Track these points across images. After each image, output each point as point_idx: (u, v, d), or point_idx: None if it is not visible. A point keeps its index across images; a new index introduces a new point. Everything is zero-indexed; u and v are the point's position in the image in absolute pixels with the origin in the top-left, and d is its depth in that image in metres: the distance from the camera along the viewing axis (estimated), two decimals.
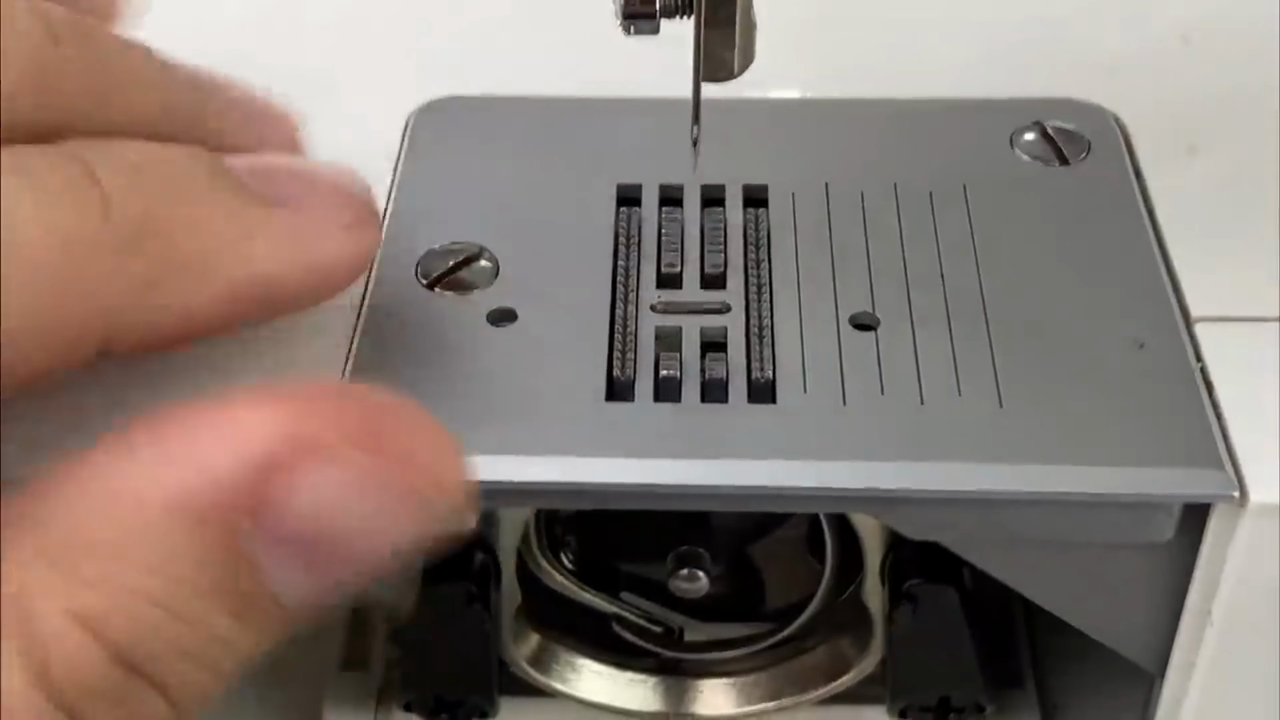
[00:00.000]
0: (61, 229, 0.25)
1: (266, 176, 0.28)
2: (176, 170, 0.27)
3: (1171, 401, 0.30)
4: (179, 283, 0.26)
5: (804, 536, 0.38)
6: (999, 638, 0.40)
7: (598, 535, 0.38)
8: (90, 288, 0.25)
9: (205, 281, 0.26)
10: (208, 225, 0.27)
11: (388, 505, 0.25)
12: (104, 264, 0.25)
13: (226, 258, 0.27)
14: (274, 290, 0.28)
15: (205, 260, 0.26)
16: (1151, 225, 0.35)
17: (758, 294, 0.33)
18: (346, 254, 0.29)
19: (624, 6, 0.32)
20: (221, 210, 0.27)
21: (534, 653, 0.39)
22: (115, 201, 0.25)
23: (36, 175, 0.25)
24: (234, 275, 0.27)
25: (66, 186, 0.25)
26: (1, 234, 0.24)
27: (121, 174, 0.26)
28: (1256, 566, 0.30)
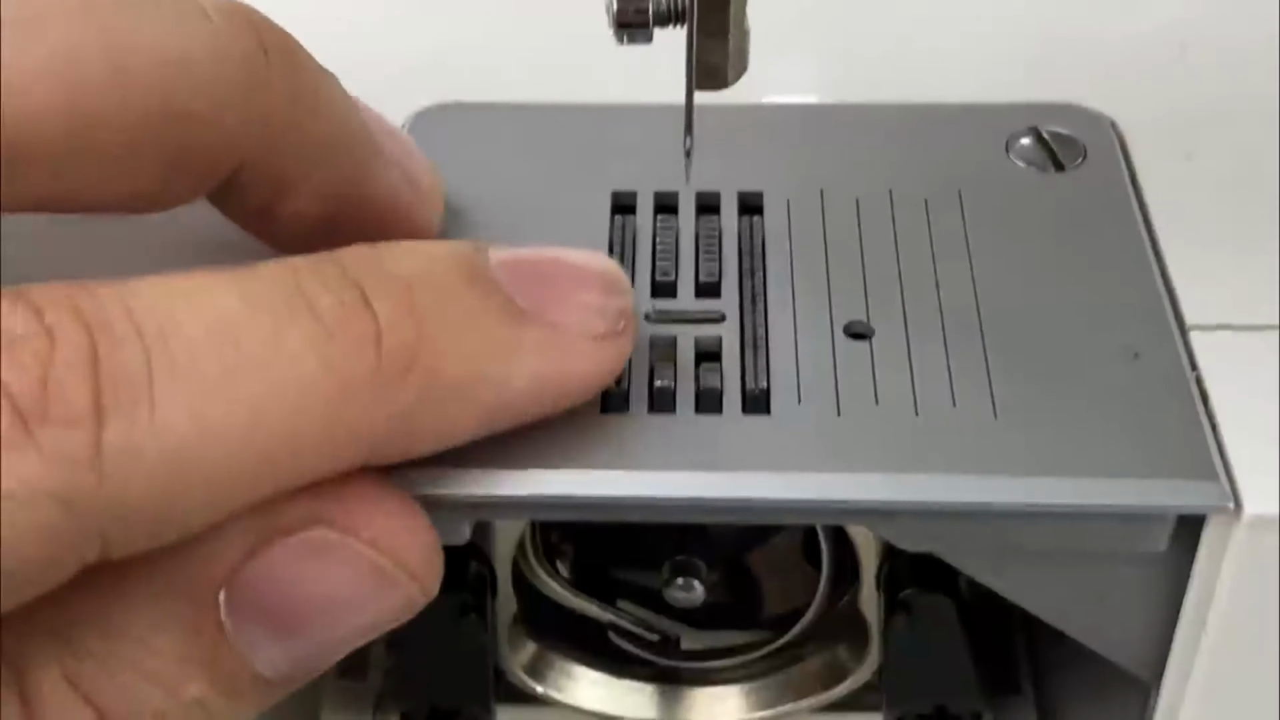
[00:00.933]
0: (338, 367, 0.25)
1: (527, 275, 0.28)
2: (443, 286, 0.27)
3: (1166, 412, 0.30)
4: (438, 413, 0.26)
5: (800, 545, 0.38)
6: (996, 645, 0.40)
7: (594, 544, 0.38)
8: (357, 423, 0.25)
9: (463, 410, 0.27)
10: (470, 352, 0.26)
11: (354, 581, 0.26)
12: (372, 399, 0.25)
13: (484, 385, 0.27)
14: (520, 408, 0.28)
15: (465, 390, 0.26)
16: (1147, 232, 0.35)
17: (752, 303, 0.33)
18: (594, 371, 0.29)
19: (617, 15, 0.31)
20: (484, 334, 0.27)
21: (530, 661, 0.39)
22: (387, 333, 0.25)
23: (313, 303, 0.25)
24: (489, 402, 0.27)
25: (343, 318, 0.25)
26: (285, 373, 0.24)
27: (393, 299, 0.26)
28: (1251, 577, 0.30)
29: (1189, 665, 0.31)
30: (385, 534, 0.26)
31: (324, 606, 0.26)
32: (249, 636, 0.25)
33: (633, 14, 0.32)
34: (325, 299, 0.25)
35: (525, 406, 0.28)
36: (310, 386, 0.24)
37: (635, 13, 0.32)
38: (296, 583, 0.26)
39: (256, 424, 0.24)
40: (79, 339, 0.23)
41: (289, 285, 0.25)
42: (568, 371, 0.28)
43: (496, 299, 0.27)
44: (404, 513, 0.27)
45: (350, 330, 0.25)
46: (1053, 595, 0.32)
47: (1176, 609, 0.31)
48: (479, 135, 0.38)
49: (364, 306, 0.25)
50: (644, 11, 0.31)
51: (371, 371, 0.25)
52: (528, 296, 0.28)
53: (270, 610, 0.25)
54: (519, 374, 0.27)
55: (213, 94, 0.27)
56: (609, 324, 0.29)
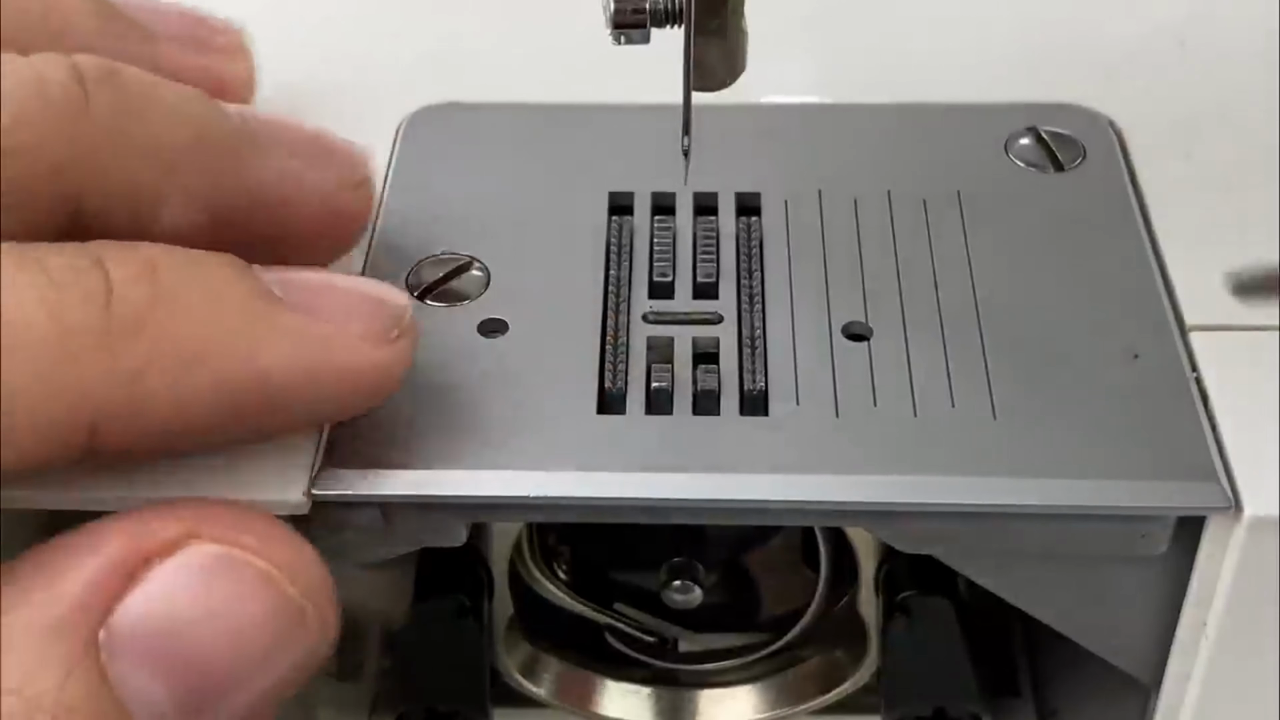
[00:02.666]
0: (61, 316, 0.24)
1: (295, 286, 0.27)
2: (191, 268, 0.26)
3: (1166, 413, 0.30)
4: (172, 379, 0.25)
5: (798, 547, 0.38)
6: (995, 647, 0.40)
7: (591, 546, 0.38)
8: (80, 375, 0.24)
9: (199, 379, 0.25)
10: (208, 318, 0.26)
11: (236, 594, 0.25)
12: (97, 352, 0.24)
13: (223, 351, 0.26)
14: (276, 391, 0.27)
15: (200, 353, 0.25)
16: (1147, 232, 0.35)
17: (750, 304, 0.33)
18: (361, 368, 0.27)
19: (614, 16, 0.31)
20: (228, 306, 0.26)
21: (526, 663, 0.39)
22: (118, 292, 0.25)
23: (46, 262, 0.25)
24: (229, 370, 0.26)
25: (74, 275, 0.25)
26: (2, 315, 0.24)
27: (131, 266, 0.25)
28: (1252, 579, 0.30)
29: (1189, 667, 0.31)
30: (266, 544, 0.25)
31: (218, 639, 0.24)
32: (136, 684, 0.24)
33: (630, 14, 0.32)
34: (57, 260, 0.25)
35: (283, 395, 0.27)
36: (29, 334, 0.24)
37: (633, 13, 0.31)
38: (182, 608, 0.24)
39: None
40: None
41: (24, 249, 0.25)
42: (328, 363, 0.27)
43: (248, 280, 0.27)
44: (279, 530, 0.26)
45: (79, 286, 0.25)
46: (1052, 597, 0.32)
47: (1176, 611, 0.31)
48: (476, 136, 0.38)
49: (98, 269, 0.25)
50: (641, 12, 0.31)
51: (98, 325, 0.24)
52: (294, 296, 0.27)
53: (157, 649, 0.24)
54: (269, 354, 0.26)
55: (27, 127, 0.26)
56: (379, 326, 0.28)
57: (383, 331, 0.28)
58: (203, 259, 0.27)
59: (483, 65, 0.41)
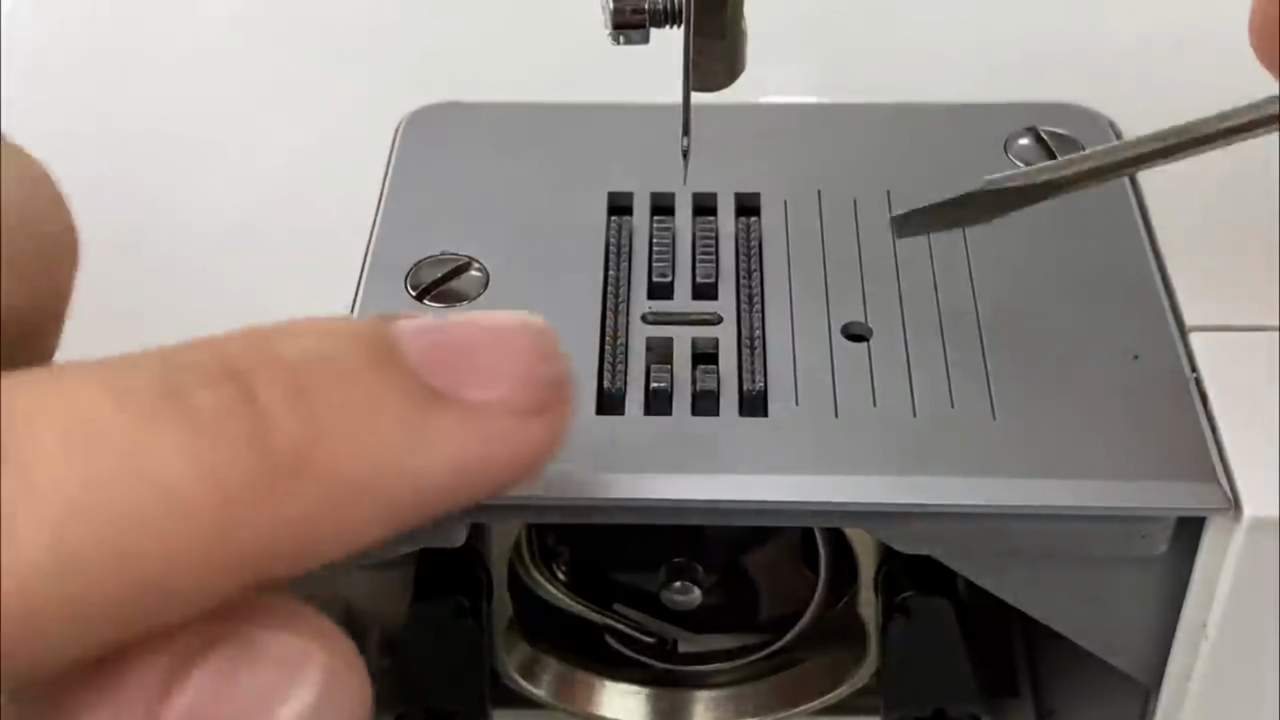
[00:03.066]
0: (215, 471, 0.21)
1: (441, 348, 0.24)
2: (340, 369, 0.23)
3: (1166, 413, 0.30)
4: (341, 517, 0.23)
5: (797, 547, 0.38)
6: (994, 648, 0.40)
7: (590, 547, 0.38)
8: (243, 540, 0.22)
9: (371, 511, 0.23)
10: (368, 443, 0.23)
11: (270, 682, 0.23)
12: (258, 509, 0.22)
13: (395, 482, 0.23)
14: (435, 499, 0.24)
15: (371, 489, 0.23)
16: (1147, 233, 0.35)
17: (749, 304, 0.33)
18: (525, 453, 0.25)
19: (613, 16, 0.31)
20: (386, 422, 0.23)
21: (526, 664, 0.39)
22: (272, 430, 0.22)
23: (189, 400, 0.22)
24: (401, 499, 0.24)
25: (222, 415, 0.22)
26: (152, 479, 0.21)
27: (279, 386, 0.22)
28: (1251, 580, 0.30)
29: (1189, 668, 0.31)
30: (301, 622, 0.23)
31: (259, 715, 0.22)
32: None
33: (629, 14, 0.31)
34: (200, 393, 0.22)
35: (446, 499, 0.24)
36: (184, 499, 0.21)
37: (632, 13, 0.31)
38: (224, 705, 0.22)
39: (122, 543, 0.21)
40: None
41: (159, 379, 0.22)
42: (493, 456, 0.24)
43: (403, 381, 0.24)
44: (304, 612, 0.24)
45: (229, 429, 0.22)
46: (1051, 598, 0.32)
47: (1176, 611, 0.31)
48: (475, 135, 0.38)
49: (244, 400, 0.22)
50: (641, 12, 0.31)
51: (256, 476, 0.22)
52: (442, 374, 0.24)
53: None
54: (434, 465, 0.24)
55: None
56: (539, 396, 0.25)
57: (543, 395, 0.25)
58: (350, 357, 0.23)
59: (482, 65, 0.41)
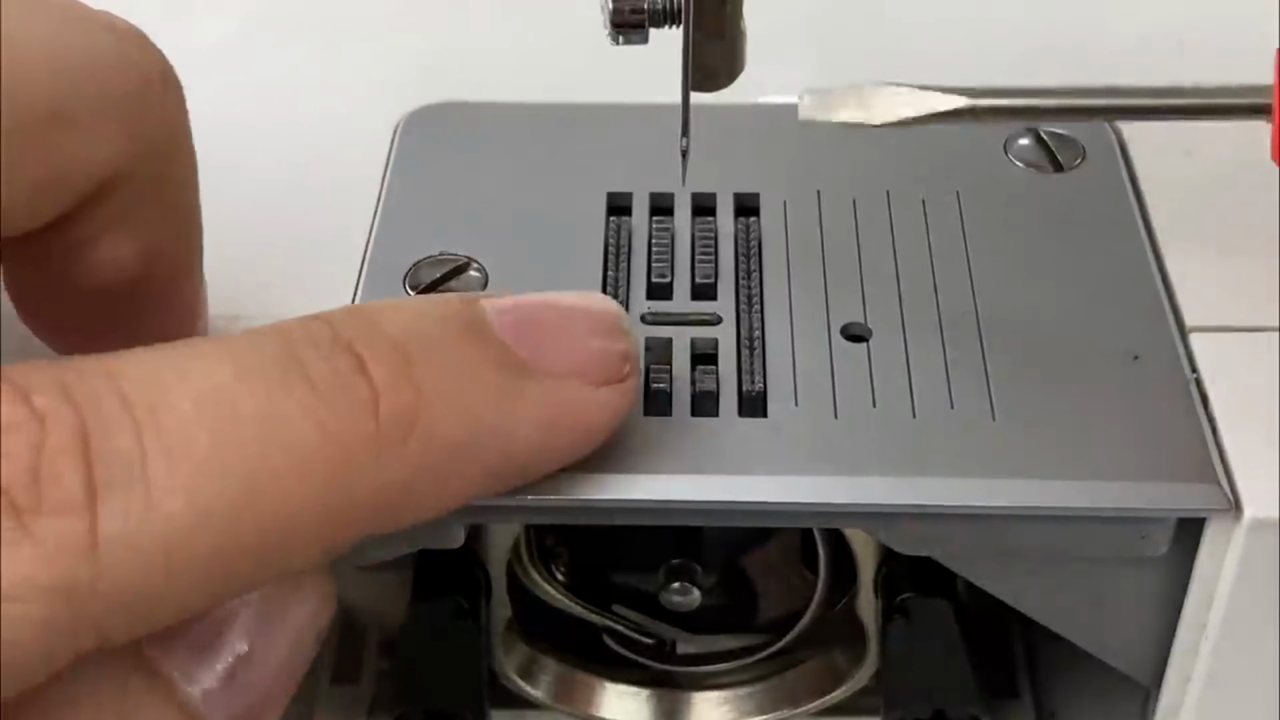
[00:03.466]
0: (335, 433, 0.24)
1: (524, 324, 0.27)
2: (439, 342, 0.26)
3: (1166, 414, 0.30)
4: (440, 476, 0.25)
5: (797, 548, 0.38)
6: (994, 649, 0.40)
7: (589, 548, 0.38)
8: (357, 492, 0.24)
9: (466, 471, 0.26)
10: (468, 410, 0.26)
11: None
12: (371, 465, 0.24)
13: (486, 444, 0.26)
14: (525, 463, 0.27)
15: (467, 451, 0.26)
16: (1147, 233, 0.35)
17: (749, 305, 0.33)
18: (600, 421, 0.28)
19: (612, 16, 0.31)
20: (483, 391, 0.26)
21: (524, 665, 0.39)
22: (384, 397, 0.24)
23: (307, 370, 0.24)
24: (492, 461, 0.26)
25: (338, 383, 0.24)
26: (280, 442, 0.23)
27: (389, 361, 0.25)
28: (1251, 581, 0.29)
29: (1189, 669, 0.31)
30: None
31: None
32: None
33: (629, 14, 0.31)
34: (319, 365, 0.24)
35: (530, 463, 0.27)
36: (308, 456, 0.24)
37: (631, 13, 0.31)
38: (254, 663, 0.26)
39: (254, 499, 0.23)
40: (70, 421, 0.22)
41: (281, 352, 0.24)
42: (573, 423, 0.27)
43: (494, 352, 0.26)
44: None
45: (347, 396, 0.24)
46: (1051, 599, 0.32)
47: (1176, 612, 0.31)
48: (474, 135, 0.38)
49: (359, 371, 0.25)
50: (640, 12, 0.31)
51: (370, 438, 0.24)
52: (527, 346, 0.27)
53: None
54: (522, 430, 0.26)
55: (103, 101, 0.26)
56: (613, 370, 0.28)
57: (616, 369, 0.28)
58: (447, 331, 0.26)
59: (481, 65, 0.41)
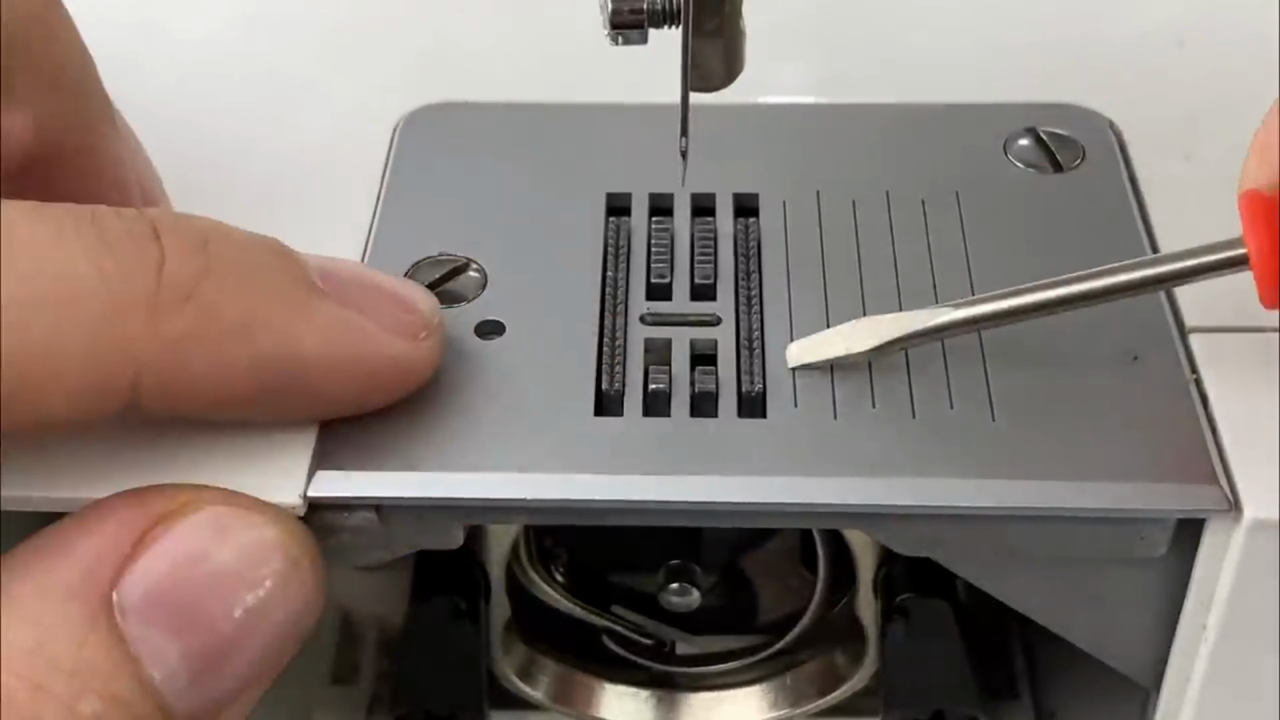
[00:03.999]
0: (112, 279, 0.25)
1: (335, 277, 0.29)
2: (242, 250, 0.27)
3: (1165, 415, 0.30)
4: (212, 349, 0.26)
5: (796, 549, 0.38)
6: (994, 649, 0.40)
7: (588, 548, 0.38)
8: (125, 337, 0.25)
9: (239, 349, 0.27)
10: (252, 297, 0.27)
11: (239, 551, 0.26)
12: (145, 318, 0.25)
13: (264, 332, 0.27)
14: (307, 375, 0.28)
15: (241, 328, 0.27)
16: (1147, 233, 0.35)
17: (748, 305, 0.33)
18: (392, 356, 0.29)
19: (612, 16, 0.31)
20: (272, 288, 0.27)
21: (523, 666, 0.39)
22: (171, 262, 0.26)
23: (101, 225, 0.26)
24: (267, 347, 0.27)
25: (128, 241, 0.26)
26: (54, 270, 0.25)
27: (185, 238, 0.26)
28: (1251, 582, 0.29)
29: (1188, 670, 0.31)
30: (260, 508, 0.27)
31: (224, 594, 0.26)
32: (150, 642, 0.25)
33: (628, 15, 0.31)
34: (114, 223, 0.26)
35: (314, 377, 0.28)
36: (81, 294, 0.25)
37: (630, 13, 0.31)
38: (191, 568, 0.26)
39: (17, 320, 0.24)
40: None
41: (81, 211, 0.26)
42: (360, 350, 0.28)
43: (293, 267, 0.28)
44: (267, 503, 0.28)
45: (133, 251, 0.26)
46: (1051, 600, 0.31)
47: (1176, 613, 0.31)
48: (473, 136, 0.38)
49: (152, 237, 0.26)
50: (639, 12, 0.31)
51: (148, 291, 0.25)
52: (330, 284, 0.28)
53: (168, 606, 0.25)
54: (307, 337, 0.28)
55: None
56: (411, 322, 0.29)
57: (413, 330, 0.29)
58: (253, 242, 0.28)
59: (480, 65, 0.40)
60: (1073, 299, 0.30)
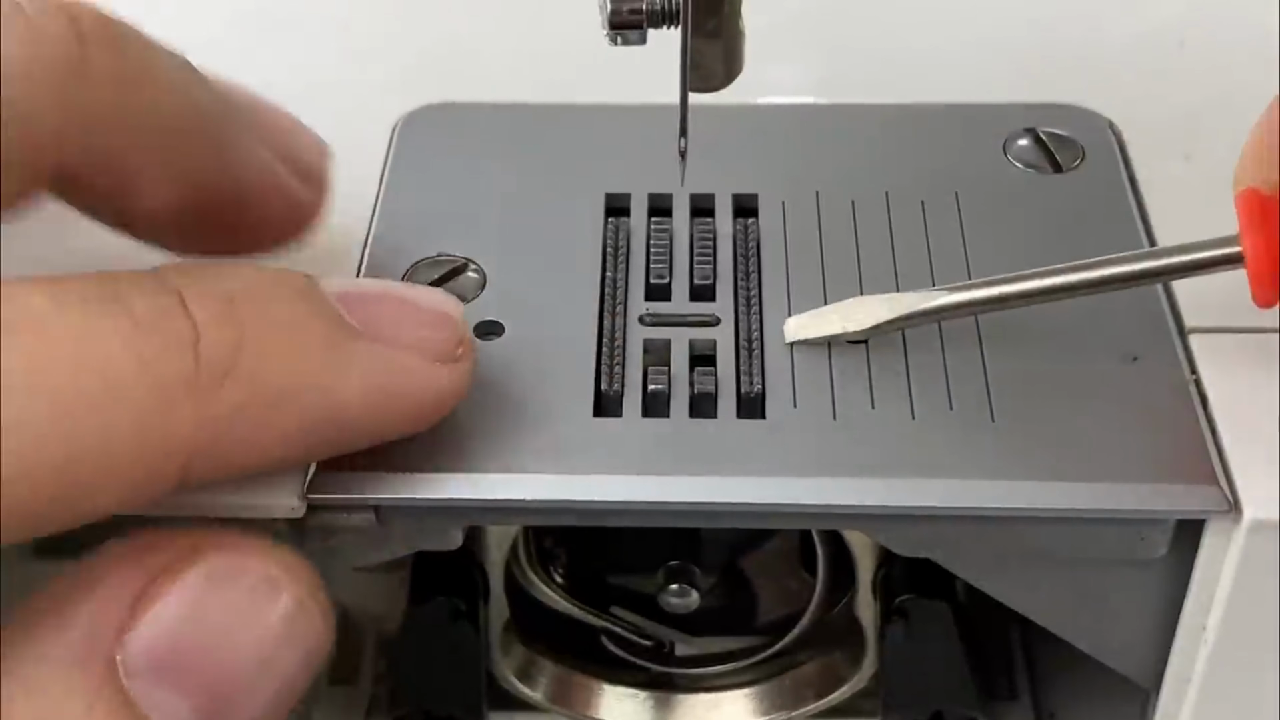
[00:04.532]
0: (152, 365, 0.24)
1: (359, 302, 0.28)
2: (268, 297, 0.26)
3: (1165, 415, 0.30)
4: (260, 421, 0.25)
5: (795, 550, 0.38)
6: (993, 650, 0.40)
7: (587, 549, 0.38)
8: (173, 426, 0.24)
9: (286, 419, 0.26)
10: (291, 358, 0.26)
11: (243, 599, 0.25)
12: (189, 402, 0.24)
13: (306, 390, 0.26)
14: (351, 420, 0.27)
15: (285, 393, 0.26)
16: (1146, 233, 0.35)
17: (747, 306, 0.33)
18: (432, 389, 0.28)
19: (611, 16, 0.31)
20: (309, 343, 0.26)
21: (522, 667, 0.39)
22: (206, 336, 0.25)
23: (128, 304, 0.24)
24: (312, 407, 0.26)
25: (159, 319, 0.24)
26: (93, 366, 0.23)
27: (213, 305, 0.25)
28: (1251, 582, 0.29)
29: (1188, 671, 0.31)
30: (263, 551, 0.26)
31: (231, 645, 0.25)
32: (159, 701, 0.24)
33: (627, 15, 0.31)
34: (141, 301, 0.24)
35: (357, 422, 0.27)
36: (122, 385, 0.23)
37: (629, 13, 0.31)
38: (195, 622, 0.25)
39: (63, 424, 0.23)
40: None
41: (103, 287, 0.24)
42: (401, 388, 0.27)
43: (325, 312, 0.27)
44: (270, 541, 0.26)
45: (166, 330, 0.24)
46: (1050, 600, 0.31)
47: (1175, 614, 0.31)
48: (471, 136, 0.38)
49: (181, 310, 0.25)
50: (638, 12, 0.31)
51: (189, 373, 0.24)
52: (359, 314, 0.27)
53: (173, 665, 0.24)
54: (348, 385, 0.26)
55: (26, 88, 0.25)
56: (444, 348, 0.28)
57: (448, 348, 0.28)
58: (278, 288, 0.26)
59: (479, 65, 0.40)
60: (1072, 286, 0.30)
